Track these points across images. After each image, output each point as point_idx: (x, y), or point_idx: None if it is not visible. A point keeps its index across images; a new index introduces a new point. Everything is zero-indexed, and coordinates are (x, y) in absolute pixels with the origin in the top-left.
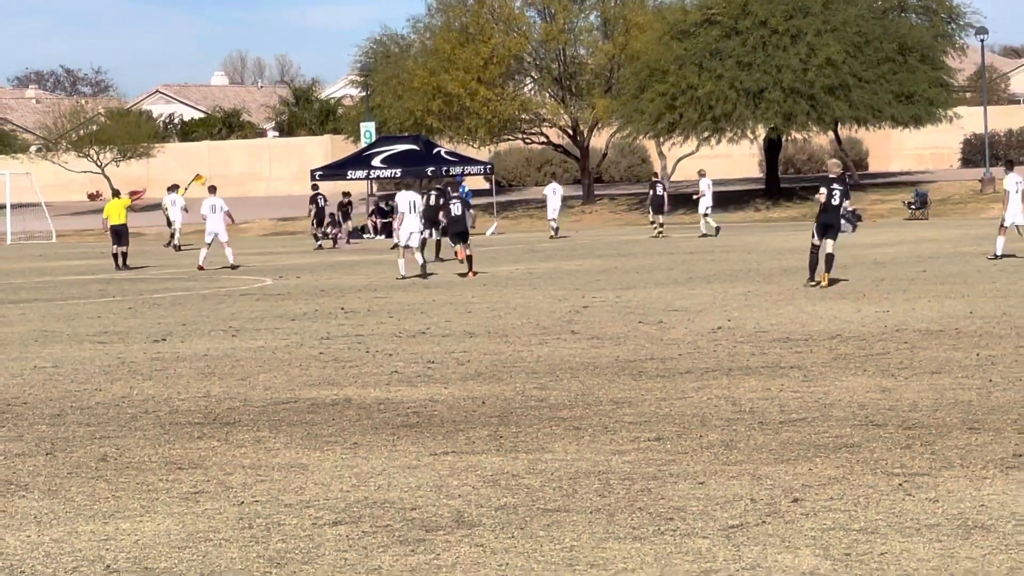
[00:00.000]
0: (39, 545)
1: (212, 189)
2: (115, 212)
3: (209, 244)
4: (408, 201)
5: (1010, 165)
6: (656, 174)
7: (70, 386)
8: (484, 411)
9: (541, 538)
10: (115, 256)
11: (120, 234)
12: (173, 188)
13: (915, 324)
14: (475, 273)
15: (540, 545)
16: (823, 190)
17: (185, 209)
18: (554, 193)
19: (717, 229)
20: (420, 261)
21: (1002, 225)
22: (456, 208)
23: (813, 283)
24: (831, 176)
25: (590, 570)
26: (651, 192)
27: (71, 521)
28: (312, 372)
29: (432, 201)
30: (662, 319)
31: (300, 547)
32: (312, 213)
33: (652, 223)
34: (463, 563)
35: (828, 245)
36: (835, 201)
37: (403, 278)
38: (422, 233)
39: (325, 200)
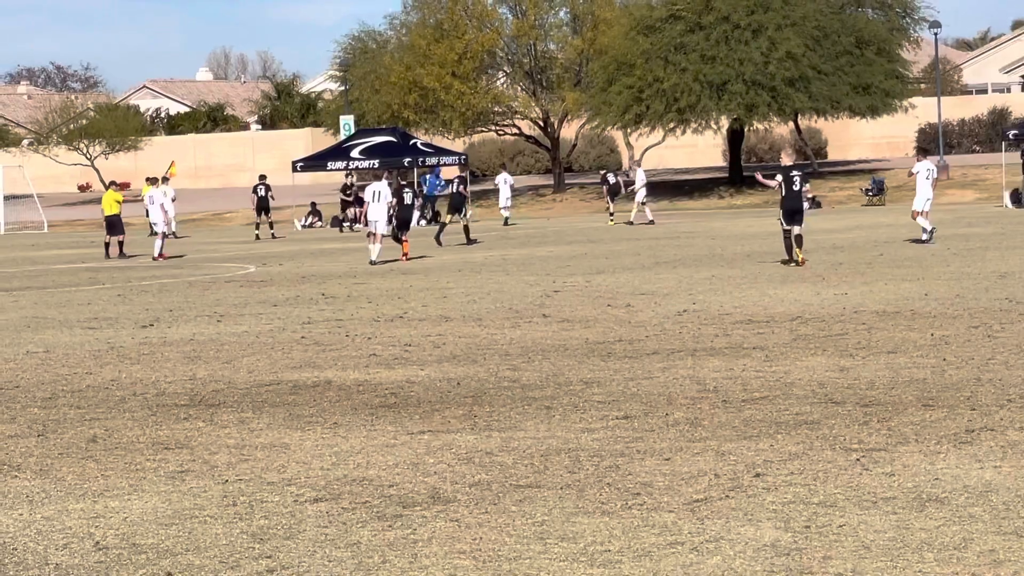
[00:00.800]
0: (31, 523)
1: (153, 181)
2: (107, 204)
3: (161, 233)
4: (372, 191)
5: (924, 152)
6: (604, 168)
7: (61, 370)
8: (459, 392)
9: (513, 513)
10: (106, 245)
11: (113, 224)
12: (165, 180)
13: (872, 306)
14: (407, 257)
15: (512, 520)
16: (779, 177)
17: (173, 199)
18: (504, 183)
19: (651, 221)
20: (376, 249)
21: (916, 211)
22: (407, 197)
23: (792, 262)
24: (788, 164)
25: (560, 543)
26: (605, 185)
27: (62, 500)
28: (294, 355)
29: (454, 188)
30: (630, 302)
31: (282, 523)
32: (254, 203)
33: (612, 213)
34: (439, 537)
35: (796, 228)
36: (796, 186)
37: (373, 263)
38: (390, 223)
39: (268, 190)
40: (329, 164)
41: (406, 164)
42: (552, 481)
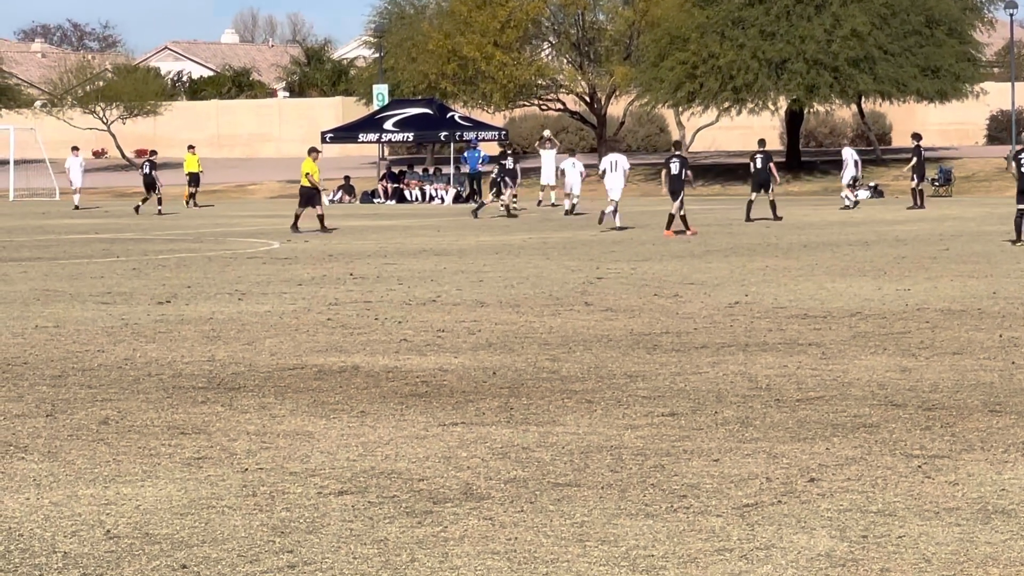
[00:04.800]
0: (38, 508)
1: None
2: (311, 170)
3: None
4: (610, 161)
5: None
6: (505, 153)
7: (72, 347)
8: (494, 382)
9: (551, 513)
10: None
11: (310, 197)
12: (75, 149)
13: (937, 303)
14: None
15: (550, 520)
16: (1012, 165)
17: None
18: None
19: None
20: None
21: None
22: (674, 167)
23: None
24: None
25: (601, 546)
26: (498, 167)
27: (71, 484)
28: (319, 338)
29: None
30: (678, 292)
31: (305, 516)
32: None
33: (498, 202)
34: (471, 536)
35: None
36: None
37: (619, 229)
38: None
39: (154, 167)
40: (360, 136)
41: (442, 139)
42: (593, 480)
